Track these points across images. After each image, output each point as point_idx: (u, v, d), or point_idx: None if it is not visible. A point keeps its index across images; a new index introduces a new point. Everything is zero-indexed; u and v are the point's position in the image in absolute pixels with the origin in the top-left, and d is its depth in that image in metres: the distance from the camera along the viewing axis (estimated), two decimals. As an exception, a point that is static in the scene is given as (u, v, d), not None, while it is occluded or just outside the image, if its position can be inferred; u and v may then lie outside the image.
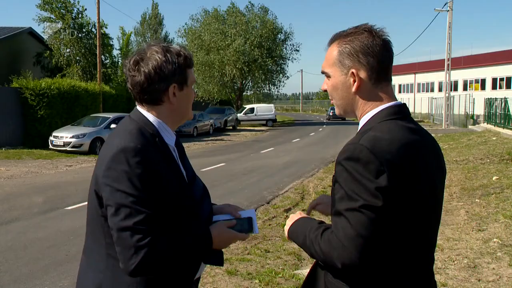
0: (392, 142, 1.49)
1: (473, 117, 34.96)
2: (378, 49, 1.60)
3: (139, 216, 1.62)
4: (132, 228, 1.62)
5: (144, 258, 1.62)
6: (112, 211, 1.65)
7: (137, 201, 1.63)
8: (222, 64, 39.27)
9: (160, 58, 1.78)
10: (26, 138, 20.28)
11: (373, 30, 1.63)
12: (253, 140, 26.88)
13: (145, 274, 1.67)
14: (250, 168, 14.51)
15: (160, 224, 1.68)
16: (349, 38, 1.63)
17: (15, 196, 10.11)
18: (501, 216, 7.23)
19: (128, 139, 1.72)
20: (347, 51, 1.62)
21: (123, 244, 1.63)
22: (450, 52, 34.53)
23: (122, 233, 1.63)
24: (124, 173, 1.65)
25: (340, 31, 1.70)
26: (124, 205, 1.63)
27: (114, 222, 1.65)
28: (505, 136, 20.63)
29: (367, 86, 1.62)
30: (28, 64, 27.13)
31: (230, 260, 5.74)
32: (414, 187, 1.49)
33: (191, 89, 1.89)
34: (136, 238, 1.61)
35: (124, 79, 1.93)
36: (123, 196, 1.63)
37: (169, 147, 1.84)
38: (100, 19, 26.34)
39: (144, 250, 1.61)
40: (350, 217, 1.46)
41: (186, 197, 1.79)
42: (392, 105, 1.62)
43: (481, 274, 5.09)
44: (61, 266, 5.72)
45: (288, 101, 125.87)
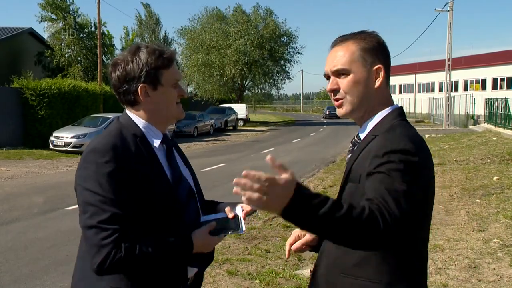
0: (421, 138, 1.64)
1: (473, 117, 34.94)
2: (388, 52, 1.75)
3: (104, 215, 1.64)
4: (96, 226, 1.64)
5: (107, 257, 1.63)
6: (80, 209, 1.71)
7: (103, 200, 1.65)
8: (222, 64, 39.24)
9: (128, 59, 1.83)
10: (26, 138, 20.28)
11: (375, 33, 1.75)
12: (254, 140, 26.87)
13: (110, 273, 1.68)
14: (250, 168, 14.50)
15: (133, 223, 1.69)
16: (364, 37, 1.72)
17: (16, 196, 10.11)
18: (501, 216, 7.23)
19: (101, 139, 1.77)
20: (369, 48, 1.69)
21: (88, 242, 1.68)
22: (450, 52, 34.52)
23: (88, 231, 1.67)
24: (92, 172, 1.69)
25: (350, 32, 1.76)
26: (90, 204, 1.66)
27: (81, 220, 1.69)
28: (506, 136, 20.62)
29: (383, 84, 1.72)
30: (28, 64, 27.14)
31: (230, 260, 5.74)
32: (433, 177, 1.67)
33: (170, 89, 1.86)
34: (99, 236, 1.64)
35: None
36: (90, 195, 1.67)
37: (152, 147, 1.84)
38: (100, 19, 26.38)
39: (107, 249, 1.63)
40: (398, 196, 1.45)
41: (166, 196, 1.79)
42: (398, 107, 1.76)
43: (482, 274, 5.09)
44: (61, 266, 5.72)
45: (289, 101, 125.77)
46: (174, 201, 1.82)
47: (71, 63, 29.38)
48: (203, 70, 39.78)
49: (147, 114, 1.86)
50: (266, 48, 40.45)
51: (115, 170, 1.69)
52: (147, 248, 1.68)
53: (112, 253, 1.63)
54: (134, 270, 1.71)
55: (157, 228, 1.75)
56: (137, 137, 1.81)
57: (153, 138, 1.86)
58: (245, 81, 44.00)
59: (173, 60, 1.87)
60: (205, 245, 1.83)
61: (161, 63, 1.83)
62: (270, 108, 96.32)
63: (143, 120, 1.87)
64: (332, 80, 1.74)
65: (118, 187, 1.68)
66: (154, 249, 1.69)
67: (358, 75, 1.69)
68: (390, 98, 1.76)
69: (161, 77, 1.83)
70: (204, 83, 40.80)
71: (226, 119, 34.82)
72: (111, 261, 1.63)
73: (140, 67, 1.80)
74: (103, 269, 1.65)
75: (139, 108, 1.87)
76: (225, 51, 38.91)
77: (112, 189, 1.67)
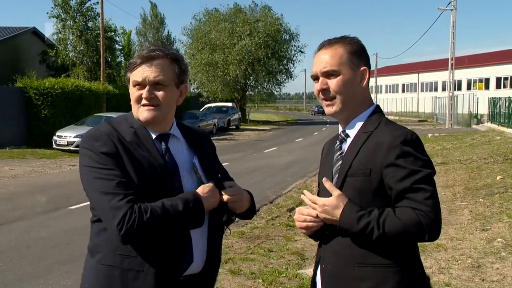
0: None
1: (476, 117, 34.85)
2: (368, 55, 1.94)
3: (112, 182, 1.76)
4: (107, 193, 1.75)
5: (123, 218, 1.70)
6: (86, 186, 1.83)
7: (107, 173, 1.78)
8: (226, 64, 39.15)
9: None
10: (30, 137, 20.34)
11: (360, 40, 1.93)
12: (256, 140, 26.87)
13: (130, 235, 1.73)
14: (253, 168, 14.51)
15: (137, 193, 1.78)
16: (349, 41, 1.88)
17: (19, 195, 10.14)
18: (505, 215, 7.21)
19: (98, 127, 1.94)
20: (355, 51, 1.86)
21: (102, 212, 1.78)
22: (453, 51, 34.43)
23: (100, 201, 1.77)
24: (90, 152, 1.83)
25: (332, 37, 1.92)
26: (96, 178, 1.78)
27: (91, 195, 1.81)
28: (509, 136, 20.55)
29: (367, 85, 1.90)
30: (32, 63, 27.19)
31: (233, 259, 5.74)
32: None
33: (131, 90, 1.95)
34: (113, 201, 1.73)
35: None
36: (92, 171, 1.80)
37: (150, 138, 1.94)
38: (103, 19, 26.42)
39: (122, 210, 1.71)
40: (425, 188, 1.71)
41: (156, 184, 1.85)
42: (377, 105, 1.95)
43: (485, 274, 5.07)
44: (64, 266, 5.73)
45: (291, 100, 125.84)
46: (166, 190, 1.85)
47: (76, 63, 29.43)
48: (206, 70, 39.70)
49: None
50: (270, 46, 40.38)
51: (108, 152, 1.81)
52: (159, 207, 1.76)
53: (128, 214, 1.71)
54: (152, 231, 1.76)
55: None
56: (133, 129, 1.92)
57: (151, 132, 1.97)
58: (248, 81, 43.95)
59: (135, 62, 1.91)
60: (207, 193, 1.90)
61: (128, 66, 1.95)
62: (273, 107, 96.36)
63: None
64: (321, 81, 1.88)
65: (115, 164, 1.80)
66: (165, 208, 1.77)
67: (346, 76, 1.84)
68: (370, 97, 1.95)
69: (128, 77, 1.95)
70: (208, 83, 40.71)
71: (229, 119, 34.79)
72: (127, 222, 1.70)
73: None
74: (122, 231, 1.71)
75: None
76: (230, 50, 38.82)
77: (111, 164, 1.80)
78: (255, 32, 39.30)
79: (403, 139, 1.73)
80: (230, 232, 2.16)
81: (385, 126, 1.82)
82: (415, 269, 1.81)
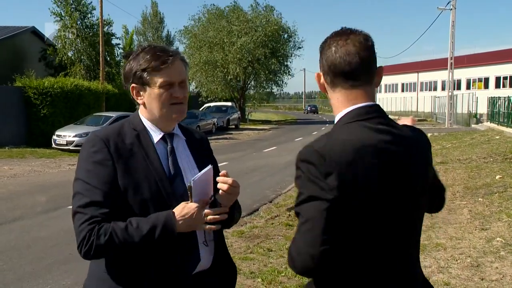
0: (342, 144, 1.53)
1: (476, 116, 34.86)
2: (330, 54, 1.64)
3: (84, 200, 1.77)
4: (78, 212, 1.78)
5: (83, 241, 1.74)
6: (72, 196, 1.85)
7: (88, 188, 1.79)
8: (225, 63, 39.13)
9: (128, 61, 1.97)
10: (29, 137, 20.34)
11: (335, 35, 1.67)
12: (256, 139, 26.88)
13: (92, 256, 1.78)
14: (253, 167, 14.52)
15: (119, 211, 1.78)
16: (323, 43, 1.71)
17: (18, 195, 10.14)
18: (504, 215, 7.22)
19: (98, 131, 1.94)
20: (320, 54, 1.71)
21: (74, 227, 1.80)
22: (453, 51, 34.43)
23: (73, 216, 1.81)
24: (83, 161, 1.85)
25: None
26: (77, 192, 1.83)
27: (72, 206, 1.83)
28: (509, 135, 20.56)
29: (329, 88, 1.70)
30: (31, 63, 27.17)
31: (232, 259, 5.74)
32: (366, 190, 1.51)
33: (158, 91, 1.90)
34: (79, 222, 1.76)
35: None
36: (79, 183, 1.82)
37: (152, 143, 1.93)
38: (103, 17, 26.42)
39: (83, 233, 1.74)
40: (302, 212, 1.52)
41: (156, 189, 1.85)
42: (358, 107, 1.63)
43: (484, 273, 5.08)
44: (64, 265, 5.74)
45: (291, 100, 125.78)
46: (167, 194, 1.86)
47: (74, 62, 29.43)
48: (205, 69, 39.68)
49: (146, 113, 1.98)
50: (269, 46, 40.36)
51: (102, 160, 1.81)
52: (120, 230, 1.74)
53: (86, 237, 1.73)
54: (115, 252, 1.78)
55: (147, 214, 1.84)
56: (135, 132, 1.92)
57: (153, 134, 1.96)
58: (248, 80, 43.93)
59: (165, 62, 1.90)
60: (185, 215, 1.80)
61: (152, 64, 1.89)
62: (272, 106, 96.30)
63: (145, 118, 1.98)
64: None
65: (102, 176, 1.79)
66: (127, 232, 1.74)
67: (320, 78, 1.73)
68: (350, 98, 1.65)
69: (149, 78, 1.90)
70: (207, 83, 40.67)
71: (228, 118, 34.77)
72: (86, 244, 1.73)
73: (132, 69, 1.93)
74: (82, 252, 1.76)
75: (142, 107, 1.99)
76: (229, 49, 38.80)
77: (96, 177, 1.79)
78: (252, 31, 39.21)
79: (301, 158, 1.58)
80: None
81: (326, 135, 1.63)
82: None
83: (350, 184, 1.49)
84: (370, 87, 1.67)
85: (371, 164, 1.52)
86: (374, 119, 1.61)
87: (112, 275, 1.85)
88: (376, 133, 1.57)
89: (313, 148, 1.55)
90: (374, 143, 1.55)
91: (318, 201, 1.49)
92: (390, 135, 1.59)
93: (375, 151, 1.54)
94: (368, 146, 1.54)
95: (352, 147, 1.53)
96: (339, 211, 1.48)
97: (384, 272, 1.58)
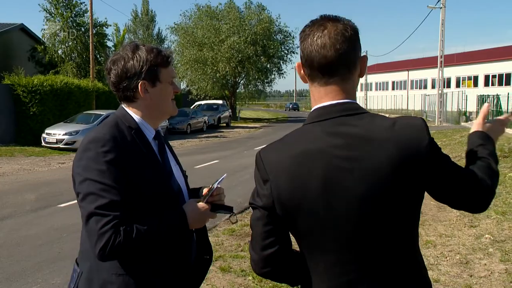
0: (286, 150, 1.49)
1: (465, 114, 35.14)
2: (307, 46, 1.51)
3: (104, 202, 1.69)
4: (96, 213, 1.69)
5: (107, 243, 1.67)
6: (80, 198, 1.75)
7: (103, 188, 1.70)
8: (215, 61, 39.07)
9: (128, 56, 1.89)
10: (18, 135, 20.15)
11: (316, 24, 1.52)
12: (247, 137, 26.88)
13: (113, 258, 1.74)
14: (244, 165, 14.50)
15: (132, 210, 1.75)
16: (301, 33, 1.58)
17: (7, 193, 10.05)
18: (492, 212, 7.28)
19: (100, 130, 1.84)
20: (299, 43, 1.57)
21: (88, 230, 1.71)
22: (443, 49, 34.64)
23: (88, 218, 1.70)
24: (92, 161, 1.74)
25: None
26: (90, 192, 1.71)
27: (81, 208, 1.74)
28: (497, 133, 20.72)
29: (309, 81, 1.57)
30: (20, 60, 26.93)
31: (223, 257, 5.75)
32: (303, 197, 1.44)
33: (167, 86, 1.95)
34: (100, 223, 1.68)
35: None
36: (90, 184, 1.72)
37: (147, 140, 1.93)
38: (92, 15, 26.26)
39: (107, 235, 1.67)
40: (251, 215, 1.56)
41: (161, 187, 1.87)
42: (322, 106, 1.52)
43: (473, 270, 5.13)
44: (53, 264, 5.70)
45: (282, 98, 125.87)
46: (168, 192, 1.90)
47: (64, 60, 29.21)
48: (196, 67, 39.61)
49: (143, 110, 1.94)
50: (260, 44, 40.33)
51: (114, 159, 1.75)
52: (145, 229, 1.74)
53: (112, 238, 1.67)
54: (135, 253, 1.76)
55: (154, 213, 1.83)
56: (132, 130, 1.89)
57: (146, 132, 1.95)
58: (239, 78, 43.90)
59: (171, 59, 1.96)
60: (197, 216, 1.91)
61: (160, 60, 1.91)
62: (263, 105, 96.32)
63: (138, 116, 1.94)
64: None
65: (117, 175, 1.73)
66: (152, 230, 1.75)
67: (300, 69, 1.61)
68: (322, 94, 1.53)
69: (160, 74, 1.92)
70: (198, 81, 40.59)
71: (219, 116, 34.73)
72: (111, 246, 1.67)
73: (141, 64, 1.88)
74: (104, 255, 1.69)
75: (136, 104, 1.94)
76: (218, 48, 38.74)
77: (112, 177, 1.72)
78: (242, 31, 39.14)
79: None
80: (237, 219, 2.24)
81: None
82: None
83: (281, 192, 1.46)
84: (348, 81, 1.52)
85: (308, 172, 1.43)
86: (334, 119, 1.47)
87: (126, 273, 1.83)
88: (326, 137, 1.45)
89: (259, 154, 1.54)
90: (319, 149, 1.44)
91: (255, 209, 1.53)
92: (343, 139, 1.44)
93: (317, 157, 1.43)
94: (310, 152, 1.44)
95: (292, 154, 1.46)
96: (272, 219, 1.50)
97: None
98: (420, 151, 1.44)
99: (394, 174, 1.42)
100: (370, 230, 1.45)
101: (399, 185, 1.43)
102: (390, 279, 1.47)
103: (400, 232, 1.48)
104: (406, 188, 1.44)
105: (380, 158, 1.41)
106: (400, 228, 1.48)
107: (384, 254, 1.47)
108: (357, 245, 1.46)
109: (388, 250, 1.47)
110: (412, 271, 1.52)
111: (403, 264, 1.50)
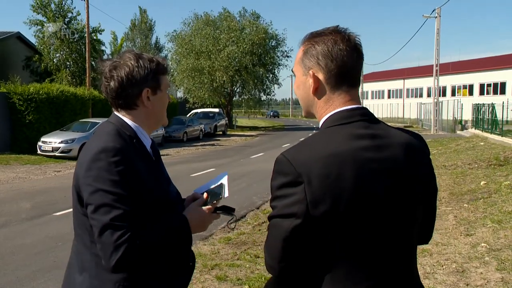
0: (315, 151, 1.45)
1: (461, 123, 35.25)
2: (339, 53, 1.54)
3: (119, 213, 1.67)
4: (111, 225, 1.66)
5: (124, 254, 1.65)
6: (92, 209, 1.70)
7: (117, 199, 1.68)
8: (212, 70, 39.12)
9: (133, 64, 1.87)
10: (14, 143, 20.07)
11: (341, 33, 1.56)
12: (243, 145, 26.87)
13: (127, 269, 1.72)
14: (240, 174, 14.50)
15: (141, 220, 1.73)
16: (316, 39, 1.58)
17: (2, 202, 10.00)
18: (489, 220, 7.29)
19: (106, 139, 1.79)
20: (310, 52, 1.58)
21: (103, 242, 1.67)
22: (438, 58, 34.85)
23: (102, 230, 1.67)
24: (104, 172, 1.70)
25: (313, 31, 1.64)
26: (104, 204, 1.68)
27: (94, 220, 1.69)
28: (493, 141, 20.82)
29: (324, 90, 1.57)
30: (16, 68, 26.94)
31: (219, 265, 5.72)
32: (339, 198, 1.41)
33: (165, 94, 1.97)
34: (115, 235, 1.65)
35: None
36: (103, 195, 1.68)
37: (146, 148, 1.93)
38: (89, 24, 26.29)
39: (124, 246, 1.65)
40: (272, 225, 1.51)
41: (164, 194, 1.90)
42: (342, 110, 1.54)
43: (469, 278, 5.13)
44: (49, 273, 5.67)
45: (278, 106, 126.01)
46: (168, 199, 1.92)
47: (60, 68, 29.21)
48: (193, 76, 39.64)
49: (141, 118, 1.92)
50: (256, 54, 40.45)
51: (126, 169, 1.73)
52: (157, 238, 1.75)
53: (129, 250, 1.66)
54: (147, 262, 1.75)
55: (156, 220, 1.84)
56: (133, 139, 1.88)
57: (145, 141, 1.94)
58: (235, 87, 43.94)
59: (168, 67, 2.00)
60: (198, 222, 1.92)
61: (161, 68, 1.93)
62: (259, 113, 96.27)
63: (135, 124, 1.92)
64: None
65: (129, 185, 1.72)
66: (163, 238, 1.77)
67: (297, 79, 1.64)
68: (341, 101, 1.57)
69: (161, 82, 1.93)
70: (195, 89, 40.60)
71: (215, 124, 34.75)
72: (128, 258, 1.66)
73: (146, 72, 1.87)
74: (120, 266, 1.67)
75: (136, 111, 1.91)
76: (216, 57, 38.82)
77: (124, 187, 1.70)
78: (240, 41, 39.25)
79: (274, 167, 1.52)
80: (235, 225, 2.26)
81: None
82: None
83: (315, 194, 1.40)
84: (357, 89, 1.60)
85: (340, 174, 1.41)
86: (358, 123, 1.51)
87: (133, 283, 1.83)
88: (353, 139, 1.47)
89: (285, 157, 1.47)
90: (349, 150, 1.45)
91: (280, 218, 1.46)
92: (369, 140, 1.48)
93: (349, 159, 1.43)
94: (342, 154, 1.44)
95: (322, 155, 1.43)
96: (303, 227, 1.42)
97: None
98: (429, 158, 1.61)
99: (426, 175, 1.58)
100: (402, 234, 1.52)
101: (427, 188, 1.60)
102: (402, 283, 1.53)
103: (415, 236, 1.60)
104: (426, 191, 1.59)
105: (415, 159, 1.54)
106: (416, 233, 1.60)
107: (404, 258, 1.54)
108: (387, 249, 1.49)
109: (408, 253, 1.56)
110: (417, 277, 1.61)
111: (413, 269, 1.59)
